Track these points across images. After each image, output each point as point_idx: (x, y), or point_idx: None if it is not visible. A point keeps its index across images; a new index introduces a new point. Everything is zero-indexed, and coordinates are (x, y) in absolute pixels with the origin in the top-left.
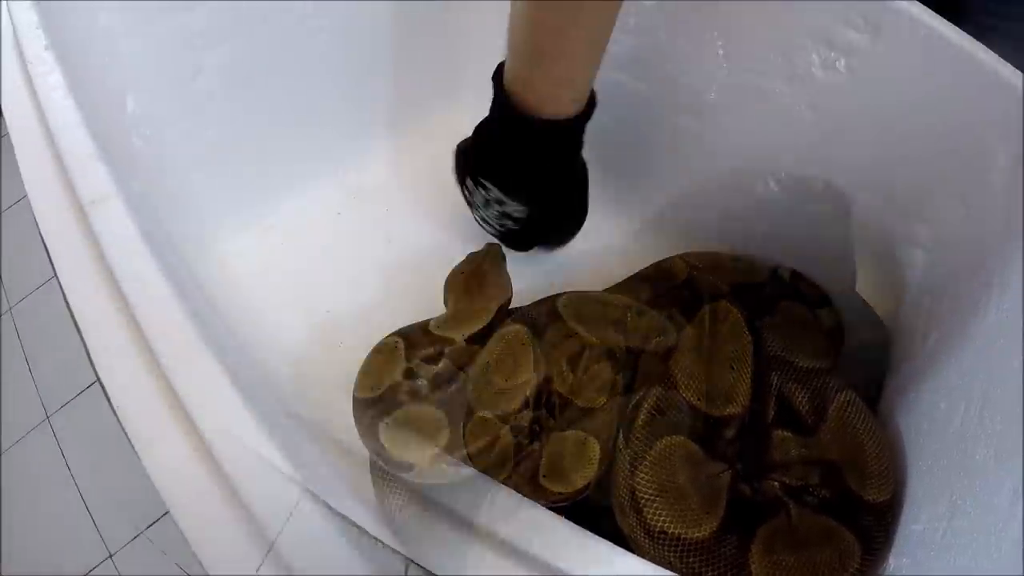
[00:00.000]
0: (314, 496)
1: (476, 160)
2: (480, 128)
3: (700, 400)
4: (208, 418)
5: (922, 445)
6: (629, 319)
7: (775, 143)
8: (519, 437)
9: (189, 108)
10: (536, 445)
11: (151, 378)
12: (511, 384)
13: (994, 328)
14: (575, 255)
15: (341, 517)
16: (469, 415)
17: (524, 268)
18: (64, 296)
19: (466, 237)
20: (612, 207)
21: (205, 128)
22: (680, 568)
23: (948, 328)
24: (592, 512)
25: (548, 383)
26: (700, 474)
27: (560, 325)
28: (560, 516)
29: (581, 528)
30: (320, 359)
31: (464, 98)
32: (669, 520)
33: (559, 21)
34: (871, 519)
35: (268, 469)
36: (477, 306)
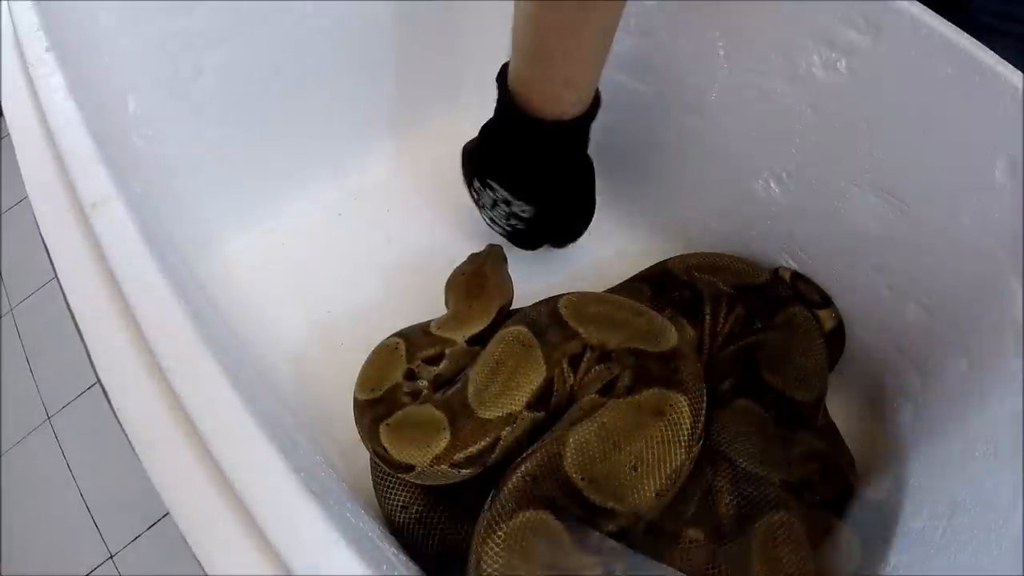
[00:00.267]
0: (314, 497)
1: (482, 161)
2: (486, 129)
3: (583, 480)
4: (208, 419)
5: None
6: (630, 320)
7: (776, 143)
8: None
9: (190, 109)
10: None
11: (151, 379)
12: (512, 385)
13: None
14: (576, 256)
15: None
16: (470, 416)
17: (525, 269)
18: (64, 297)
19: (467, 238)
20: (612, 208)
21: (206, 129)
22: None
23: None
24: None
25: (550, 384)
26: (559, 563)
27: (561, 326)
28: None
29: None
30: (320, 359)
31: (465, 99)
32: None
33: (564, 21)
34: None
35: (268, 471)
36: (478, 307)
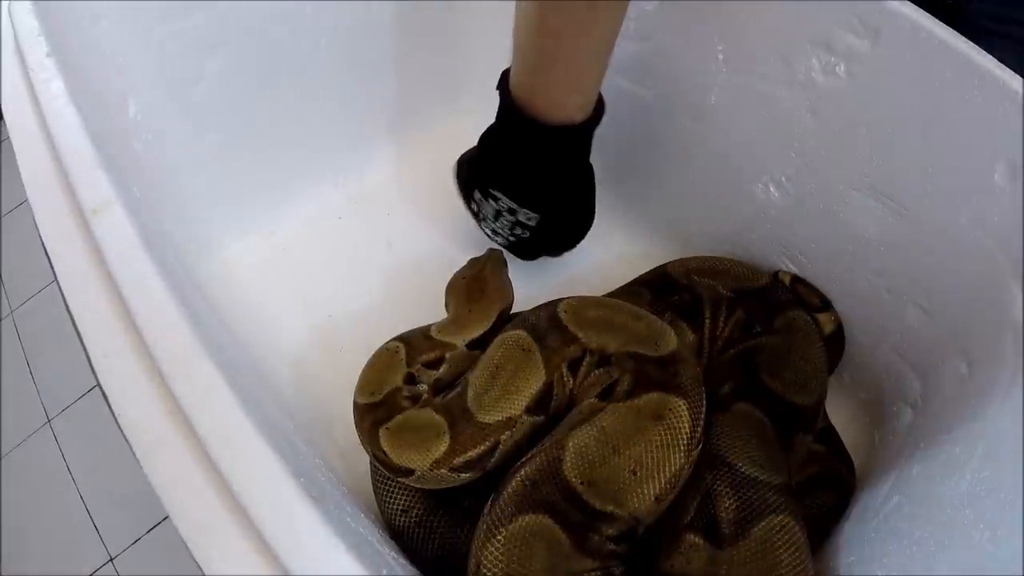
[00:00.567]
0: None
1: (484, 171)
2: (485, 138)
3: (583, 484)
4: (208, 423)
5: None
6: (630, 324)
7: (775, 147)
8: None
9: (190, 113)
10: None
11: (151, 383)
12: (512, 389)
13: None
14: (575, 260)
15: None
16: (469, 420)
17: (525, 273)
18: (65, 301)
19: (467, 242)
20: (612, 211)
21: (207, 133)
22: None
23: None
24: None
25: (549, 388)
26: (559, 567)
27: (561, 330)
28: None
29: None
30: (320, 362)
31: (465, 103)
32: None
33: (568, 24)
34: None
35: (267, 474)
36: (478, 311)
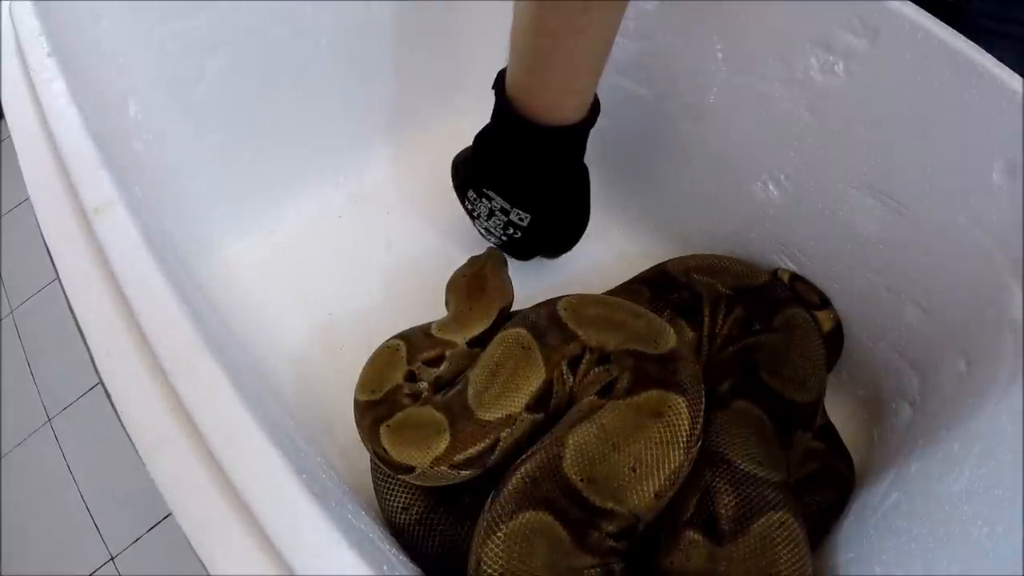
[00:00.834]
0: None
1: (478, 170)
2: (481, 138)
3: (583, 481)
4: (210, 421)
5: None
6: (629, 322)
7: (774, 146)
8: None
9: (191, 113)
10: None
11: (154, 382)
12: (512, 387)
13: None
14: (575, 258)
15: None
16: (470, 418)
17: (525, 271)
18: (67, 300)
19: (467, 241)
20: (611, 210)
21: (207, 133)
22: None
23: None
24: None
25: (549, 386)
26: (559, 563)
27: (560, 328)
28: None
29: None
30: (321, 361)
31: (464, 102)
32: None
33: (565, 25)
34: None
35: (270, 472)
36: (478, 309)
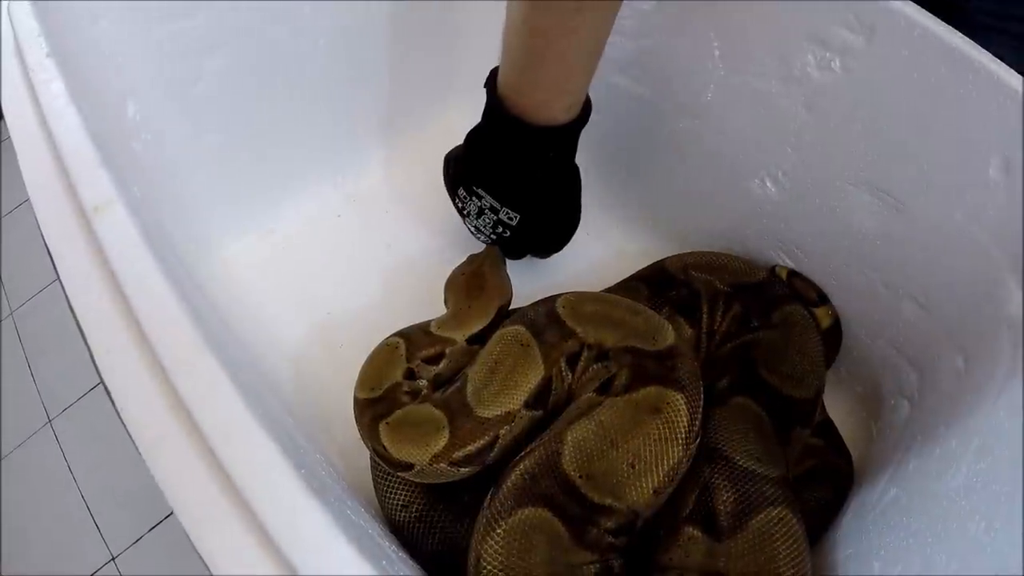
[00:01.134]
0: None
1: (469, 168)
2: (472, 136)
3: (582, 478)
4: (211, 418)
5: None
6: (627, 319)
7: (771, 143)
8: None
9: (189, 113)
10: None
11: (154, 380)
12: (510, 384)
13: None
14: (573, 256)
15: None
16: (469, 415)
17: (523, 269)
18: (67, 300)
19: (465, 239)
20: (610, 208)
21: (205, 133)
22: None
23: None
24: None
25: (548, 383)
26: (558, 560)
27: (559, 325)
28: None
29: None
30: (320, 360)
31: (461, 102)
32: None
33: (557, 25)
34: None
35: (270, 469)
36: (477, 307)
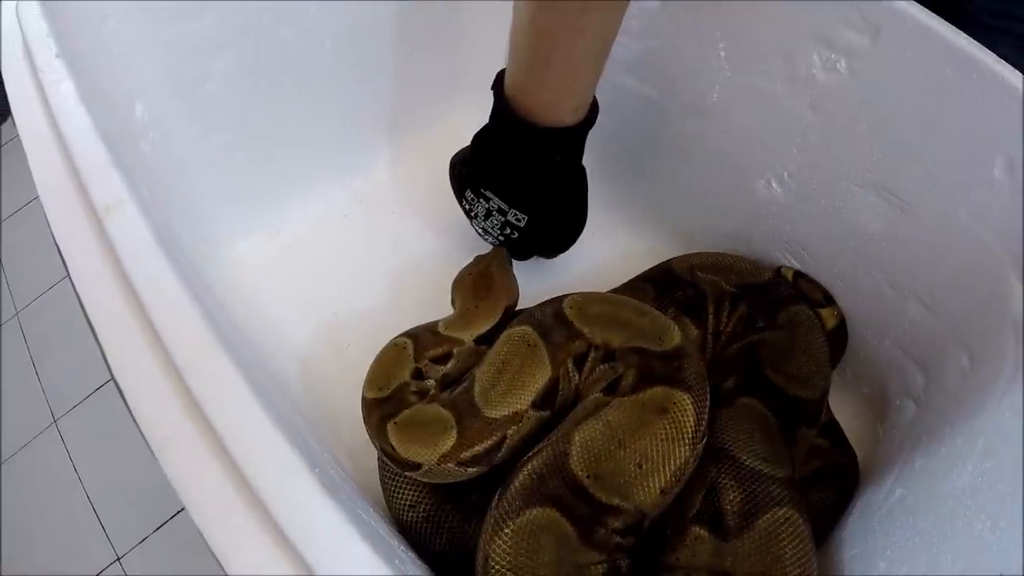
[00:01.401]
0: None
1: (476, 170)
2: (479, 138)
3: (589, 478)
4: (224, 417)
5: None
6: (634, 319)
7: (777, 144)
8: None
9: (198, 114)
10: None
11: (167, 379)
12: (518, 385)
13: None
14: (579, 256)
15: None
16: (476, 415)
17: (530, 270)
18: (79, 300)
19: (471, 240)
20: (616, 208)
21: (213, 133)
22: None
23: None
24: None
25: (555, 383)
26: (566, 560)
27: (566, 326)
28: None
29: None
30: (327, 360)
31: (468, 102)
32: None
33: (563, 26)
34: None
35: (284, 467)
36: (485, 307)
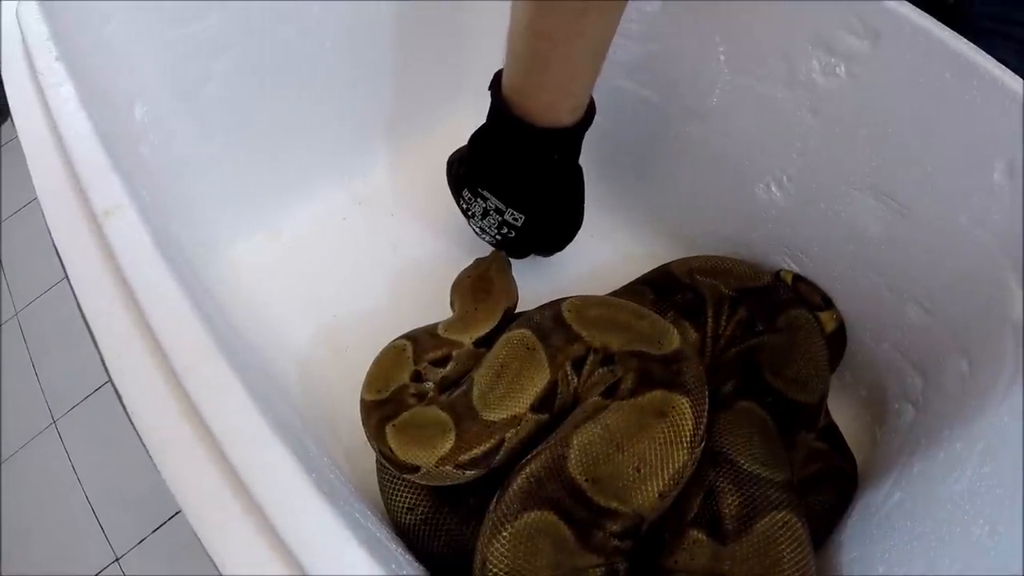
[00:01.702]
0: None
1: (473, 170)
2: (476, 137)
3: (587, 481)
4: (221, 421)
5: None
6: (633, 323)
7: (777, 148)
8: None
9: (198, 115)
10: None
11: (166, 383)
12: (516, 388)
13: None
14: (579, 259)
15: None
16: (475, 418)
17: (529, 272)
18: (78, 303)
19: (471, 242)
20: (615, 211)
21: (214, 134)
22: None
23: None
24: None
25: (553, 387)
26: (564, 563)
27: (565, 329)
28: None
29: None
30: (326, 362)
31: (468, 105)
32: None
33: (561, 28)
34: None
35: (281, 471)
36: (484, 310)
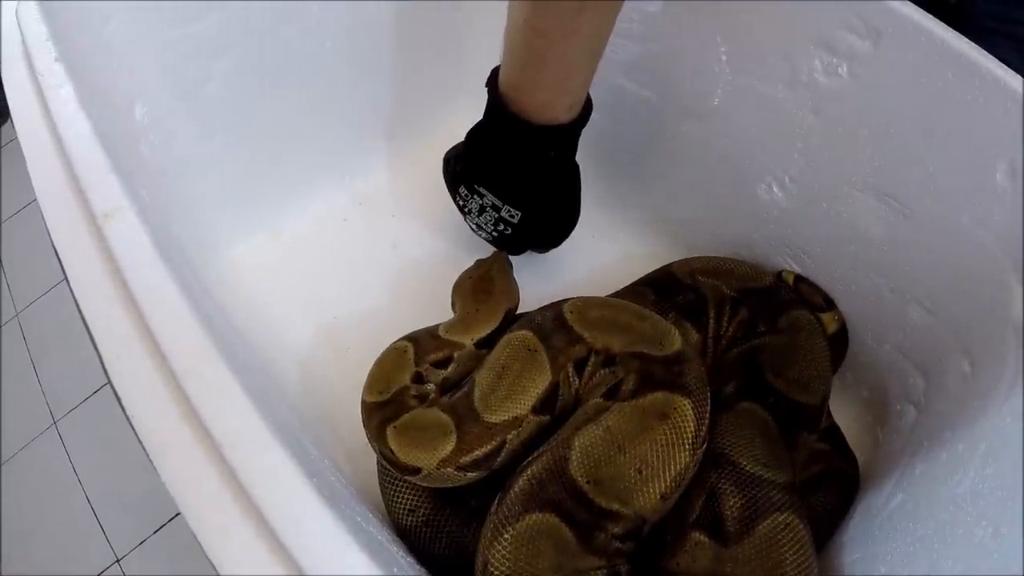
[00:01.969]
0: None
1: (470, 167)
2: (472, 134)
3: (589, 483)
4: (221, 424)
5: None
6: (634, 324)
7: (778, 148)
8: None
9: (198, 115)
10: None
11: (165, 386)
12: (518, 389)
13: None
14: (580, 259)
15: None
16: (476, 420)
17: (530, 273)
18: (77, 305)
19: (472, 243)
20: (617, 212)
21: (214, 134)
22: None
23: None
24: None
25: (555, 388)
26: (566, 565)
27: (566, 330)
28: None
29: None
30: (327, 363)
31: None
32: None
33: (558, 25)
34: None
35: (281, 474)
36: (485, 311)
